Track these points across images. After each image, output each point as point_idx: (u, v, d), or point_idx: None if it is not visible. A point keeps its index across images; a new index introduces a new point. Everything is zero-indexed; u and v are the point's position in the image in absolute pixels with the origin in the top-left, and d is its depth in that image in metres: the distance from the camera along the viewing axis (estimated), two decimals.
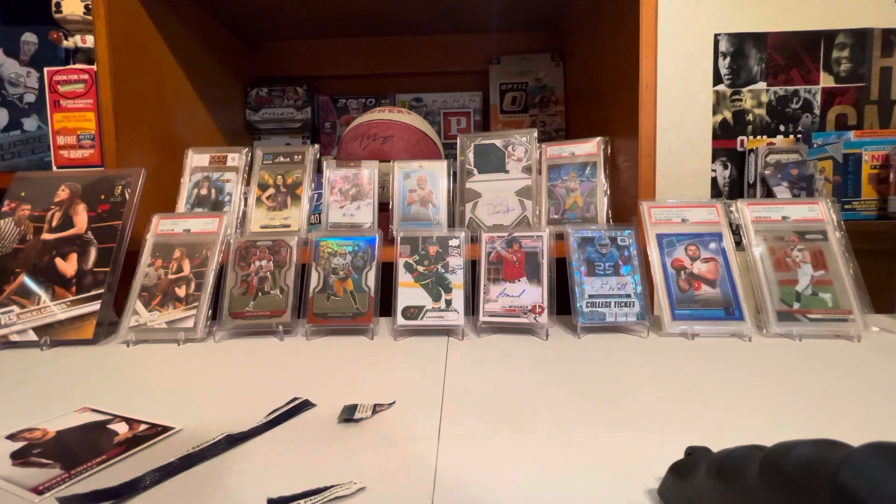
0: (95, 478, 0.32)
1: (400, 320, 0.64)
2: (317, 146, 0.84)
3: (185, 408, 0.43)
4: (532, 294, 0.65)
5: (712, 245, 0.66)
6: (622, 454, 0.34)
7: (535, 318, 0.63)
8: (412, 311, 0.65)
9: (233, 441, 0.36)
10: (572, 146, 0.81)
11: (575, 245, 0.68)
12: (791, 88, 1.38)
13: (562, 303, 0.65)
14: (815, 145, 1.31)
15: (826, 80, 1.38)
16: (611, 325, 0.64)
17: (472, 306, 0.67)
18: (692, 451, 0.28)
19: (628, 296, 0.64)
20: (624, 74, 0.83)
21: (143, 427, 0.39)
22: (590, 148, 0.80)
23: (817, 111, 1.38)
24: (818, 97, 1.38)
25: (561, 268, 0.67)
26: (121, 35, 0.83)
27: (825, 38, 1.37)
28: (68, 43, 0.97)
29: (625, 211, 0.82)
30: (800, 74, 1.38)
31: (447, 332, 0.65)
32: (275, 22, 1.23)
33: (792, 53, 1.37)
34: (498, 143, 0.82)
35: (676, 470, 0.27)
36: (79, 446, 0.37)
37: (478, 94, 1.33)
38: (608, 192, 0.78)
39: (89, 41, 0.96)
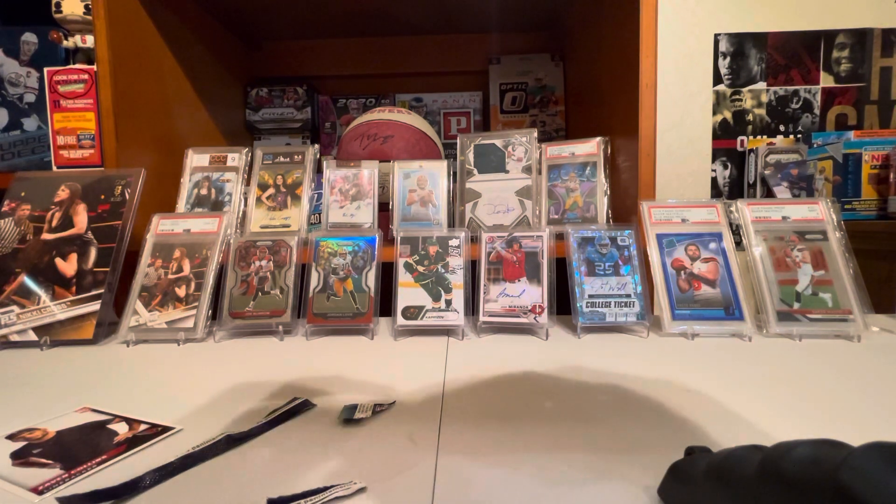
0: (95, 478, 0.32)
1: (400, 320, 0.64)
2: (317, 146, 0.84)
3: (185, 408, 0.43)
4: (532, 294, 0.65)
5: (712, 245, 0.66)
6: (621, 454, 0.34)
7: (535, 318, 0.63)
8: (412, 311, 0.65)
9: (233, 441, 0.36)
10: (572, 146, 0.81)
11: (575, 245, 0.68)
12: (791, 88, 1.38)
13: (562, 303, 0.65)
14: (815, 145, 1.31)
15: (826, 80, 1.38)
16: (611, 325, 0.64)
17: (472, 306, 0.67)
18: (692, 451, 0.28)
19: (628, 296, 0.64)
20: (624, 74, 0.83)
21: (143, 427, 0.39)
22: (590, 148, 0.80)
23: (817, 111, 1.38)
24: (818, 97, 1.38)
25: (561, 268, 0.67)
26: (121, 35, 0.83)
27: (825, 38, 1.37)
28: (68, 43, 0.97)
29: (625, 211, 0.82)
30: (800, 74, 1.38)
31: (447, 332, 0.65)
32: (275, 22, 1.23)
33: (792, 53, 1.37)
34: (498, 143, 0.82)
35: (676, 470, 0.27)
36: (79, 446, 0.37)
37: (478, 94, 1.33)
38: (608, 192, 0.78)
39: (89, 41, 0.96)
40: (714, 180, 1.40)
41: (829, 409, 0.41)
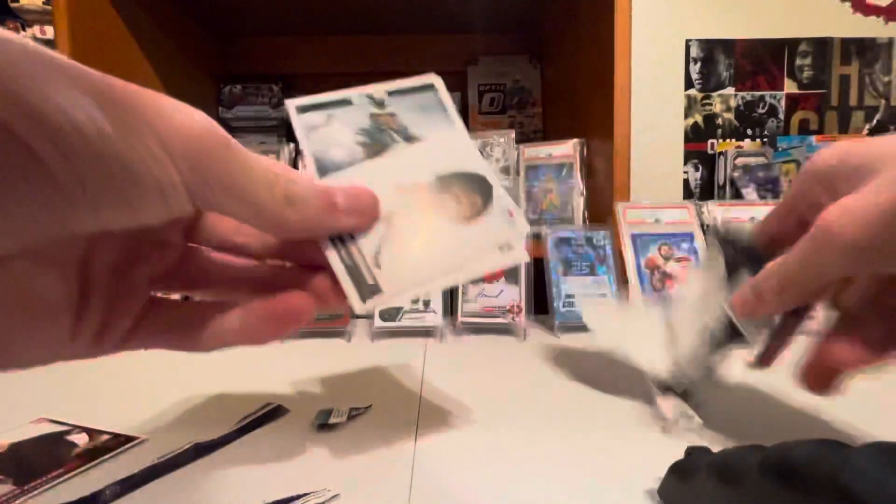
0: (51, 493, 0.30)
1: (377, 322, 0.63)
2: (292, 145, 0.83)
3: (150, 416, 0.41)
4: (510, 294, 0.65)
5: (684, 245, 0.68)
6: (615, 455, 0.34)
7: (512, 318, 0.63)
8: (390, 312, 0.64)
9: (201, 450, 0.35)
10: (549, 147, 0.81)
11: (552, 246, 0.68)
12: (758, 94, 1.43)
13: (539, 302, 0.65)
14: (780, 149, 1.36)
15: (790, 87, 1.43)
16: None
17: (450, 307, 0.66)
18: (692, 451, 0.28)
19: (604, 295, 0.65)
20: (599, 77, 0.84)
21: (104, 437, 0.37)
22: (566, 149, 0.80)
23: (782, 116, 1.43)
24: (782, 102, 1.43)
25: (538, 268, 0.67)
26: (83, 27, 0.79)
27: (789, 46, 1.42)
28: (26, 34, 0.92)
29: (601, 211, 0.83)
30: (766, 80, 1.43)
31: (425, 332, 0.64)
32: (249, 17, 1.20)
33: (758, 60, 1.42)
34: (476, 143, 0.82)
35: (676, 470, 0.27)
36: (34, 459, 0.34)
37: (456, 95, 1.33)
38: (584, 193, 0.78)
39: (49, 32, 0.92)
40: (686, 182, 1.44)
41: (829, 408, 0.41)
